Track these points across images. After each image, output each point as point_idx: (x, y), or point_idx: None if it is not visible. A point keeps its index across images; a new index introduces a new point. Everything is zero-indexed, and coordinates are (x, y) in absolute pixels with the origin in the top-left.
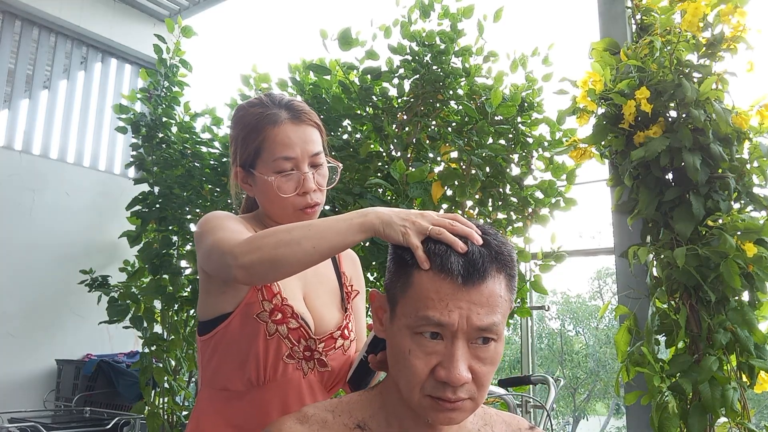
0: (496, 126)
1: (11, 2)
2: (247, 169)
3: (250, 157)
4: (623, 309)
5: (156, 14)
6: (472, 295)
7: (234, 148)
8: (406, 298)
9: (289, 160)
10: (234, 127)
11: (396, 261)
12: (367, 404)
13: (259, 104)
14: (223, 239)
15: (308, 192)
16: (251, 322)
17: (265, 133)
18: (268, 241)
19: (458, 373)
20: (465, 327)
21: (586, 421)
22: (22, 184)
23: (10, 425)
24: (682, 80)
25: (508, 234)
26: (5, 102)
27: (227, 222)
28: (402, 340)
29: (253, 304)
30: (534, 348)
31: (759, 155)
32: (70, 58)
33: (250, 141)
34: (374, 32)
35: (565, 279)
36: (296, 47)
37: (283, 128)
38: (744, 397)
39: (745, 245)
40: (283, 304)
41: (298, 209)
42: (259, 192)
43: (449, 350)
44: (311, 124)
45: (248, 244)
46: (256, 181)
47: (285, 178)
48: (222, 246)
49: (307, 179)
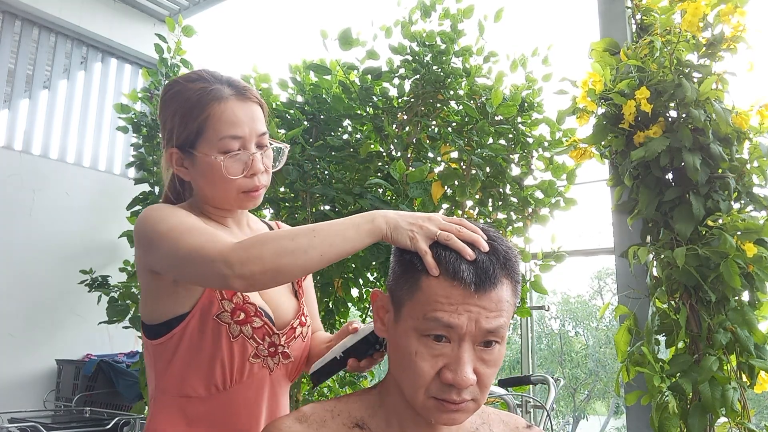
0: (496, 126)
1: (11, 2)
2: (186, 150)
3: (191, 136)
4: (623, 309)
5: (156, 14)
6: (482, 301)
7: (169, 126)
8: (413, 301)
9: (236, 139)
10: (168, 103)
11: (402, 264)
12: (366, 404)
13: (198, 79)
14: (204, 245)
15: (256, 173)
16: (211, 323)
17: (210, 109)
18: (270, 249)
19: (465, 376)
20: (473, 330)
21: (586, 421)
22: (22, 184)
23: (10, 425)
24: (682, 80)
25: (508, 234)
26: (5, 102)
27: (185, 219)
28: (408, 342)
29: (211, 304)
30: (534, 348)
31: (759, 155)
32: (70, 58)
33: (191, 119)
34: (375, 32)
35: (565, 279)
36: (297, 47)
37: (229, 105)
38: (744, 397)
39: (745, 245)
40: (245, 303)
41: (242, 192)
42: (198, 175)
43: (456, 353)
44: (256, 101)
45: (245, 251)
46: (197, 162)
47: (232, 158)
48: (208, 253)
49: (255, 160)
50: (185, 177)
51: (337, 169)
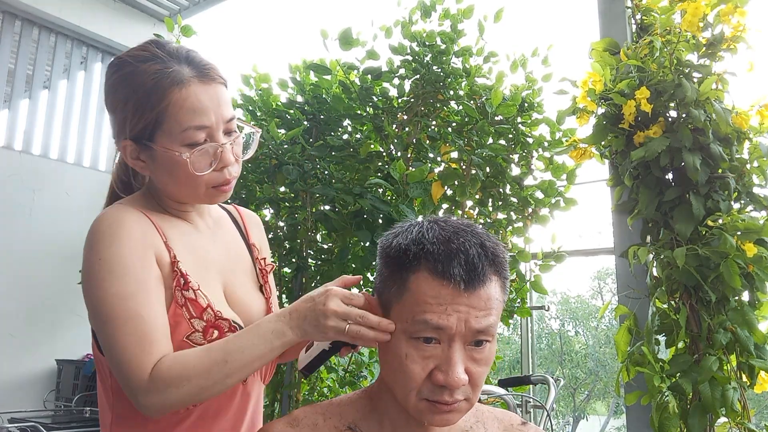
0: (496, 126)
1: (11, 2)
2: (143, 143)
3: (148, 127)
4: (623, 309)
5: (156, 14)
6: (471, 299)
7: (120, 116)
8: (401, 303)
9: (202, 129)
10: (117, 87)
11: (389, 265)
12: (359, 407)
13: (152, 58)
14: (130, 359)
15: (226, 166)
16: (182, 345)
17: (169, 97)
18: (186, 391)
19: (457, 377)
20: (463, 330)
21: (586, 421)
22: (22, 184)
23: (10, 425)
24: (682, 80)
25: (508, 234)
26: (5, 102)
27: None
28: (397, 345)
29: (179, 324)
30: (534, 348)
31: (759, 155)
32: (70, 58)
33: (147, 108)
34: (375, 32)
35: (565, 279)
36: (297, 47)
37: (191, 90)
38: (744, 397)
39: (745, 245)
40: (217, 319)
41: (212, 187)
42: (159, 170)
43: (447, 354)
44: (221, 81)
45: (162, 393)
46: (157, 157)
47: (199, 152)
48: (130, 369)
49: (225, 151)
50: (143, 171)
51: (337, 169)
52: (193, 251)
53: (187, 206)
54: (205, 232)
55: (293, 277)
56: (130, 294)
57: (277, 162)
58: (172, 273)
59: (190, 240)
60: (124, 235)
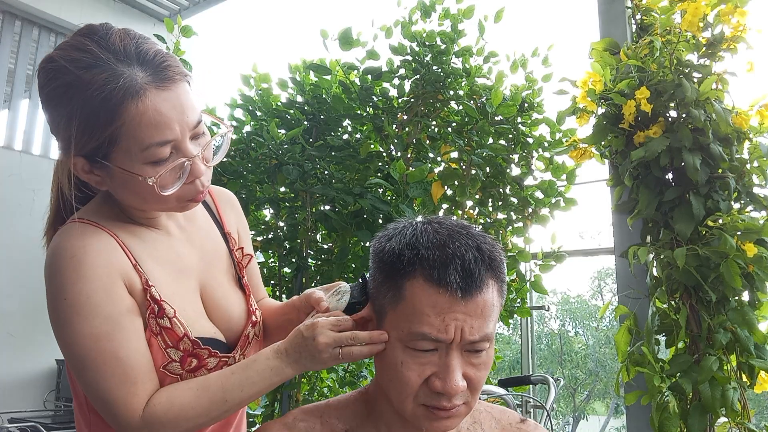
0: (496, 126)
1: (11, 2)
2: (96, 161)
3: (101, 147)
4: (623, 309)
5: (156, 14)
6: (469, 306)
7: (65, 134)
8: (397, 311)
9: (166, 144)
10: (57, 101)
11: (382, 270)
12: (355, 411)
13: (95, 64)
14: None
15: (198, 177)
16: (159, 375)
17: (123, 115)
18: (183, 427)
19: (455, 384)
20: (459, 339)
21: (586, 421)
22: (22, 184)
23: (10, 425)
24: (682, 80)
25: (508, 234)
26: (5, 102)
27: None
28: (392, 352)
29: (154, 353)
30: (534, 348)
31: (759, 155)
32: None
33: (96, 127)
34: (375, 32)
35: (565, 279)
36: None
37: (148, 101)
38: (744, 397)
39: (745, 245)
40: (195, 348)
41: (184, 201)
42: (120, 187)
43: (444, 361)
44: (180, 78)
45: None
46: (114, 175)
47: (164, 169)
48: (115, 412)
49: (195, 165)
50: (99, 186)
51: (337, 169)
52: (167, 263)
53: (155, 214)
54: (176, 235)
55: (293, 277)
56: (103, 335)
57: (277, 162)
58: (145, 301)
59: (161, 251)
60: (88, 268)
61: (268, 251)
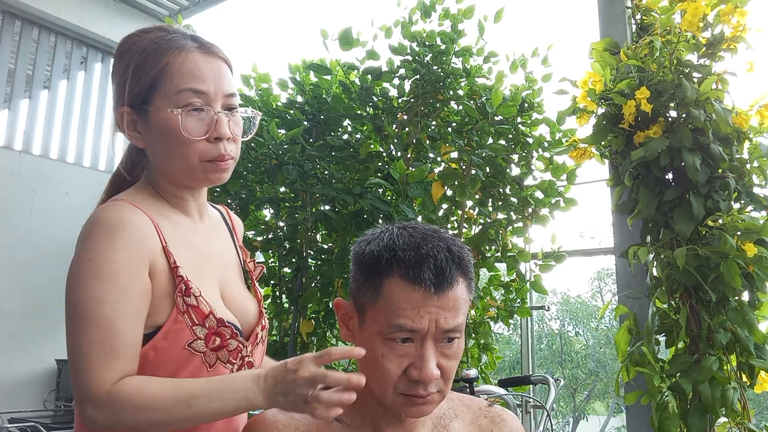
0: (496, 126)
1: (11, 2)
2: (139, 107)
3: (144, 90)
4: (623, 309)
5: (156, 14)
6: (441, 301)
7: (120, 81)
8: (376, 307)
9: (198, 94)
10: (121, 56)
11: (363, 271)
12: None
13: (156, 30)
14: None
15: (221, 138)
16: (183, 353)
17: (168, 58)
18: (140, 418)
19: (429, 372)
20: (434, 330)
21: (586, 421)
22: (22, 184)
23: (10, 425)
24: (682, 80)
25: (508, 234)
26: (5, 102)
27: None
28: (374, 346)
29: (181, 331)
30: (534, 348)
31: (759, 155)
32: (70, 58)
33: (144, 70)
34: (375, 32)
35: (565, 279)
36: (296, 47)
37: (191, 56)
38: (744, 397)
39: (745, 245)
40: (219, 327)
41: (206, 160)
42: (153, 138)
43: (420, 352)
44: (223, 59)
45: (115, 414)
46: (151, 122)
47: (192, 115)
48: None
49: (220, 121)
50: (138, 143)
51: (337, 169)
52: (193, 250)
53: (186, 195)
54: (203, 230)
55: (293, 277)
56: (109, 301)
57: (277, 162)
58: (173, 279)
59: (190, 238)
60: (120, 240)
61: (268, 251)
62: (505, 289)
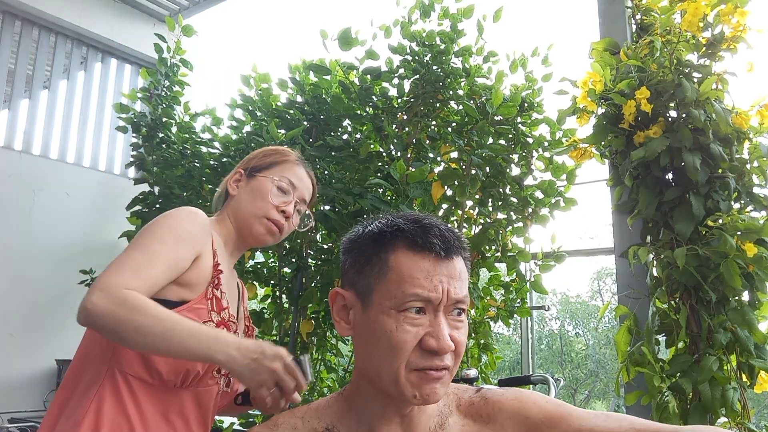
0: (496, 126)
1: (11, 2)
2: (251, 174)
3: (263, 167)
4: (623, 309)
5: (156, 14)
6: (449, 268)
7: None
8: (385, 283)
9: (289, 187)
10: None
11: (364, 252)
12: (336, 409)
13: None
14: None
15: (287, 213)
16: None
17: (285, 160)
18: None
19: (446, 341)
20: (446, 300)
21: None
22: (22, 184)
23: (10, 425)
24: (682, 80)
25: (508, 234)
26: (5, 102)
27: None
28: (385, 322)
29: (201, 310)
30: (534, 348)
31: (759, 155)
32: (70, 58)
33: (266, 157)
34: (374, 32)
35: (565, 279)
36: (296, 47)
37: (298, 167)
38: (744, 397)
39: (745, 245)
40: (229, 321)
41: (267, 218)
42: (246, 191)
43: (435, 321)
44: (313, 181)
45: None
46: (251, 182)
47: (279, 190)
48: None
49: (290, 204)
50: (232, 191)
51: (337, 169)
52: (228, 273)
53: (236, 252)
54: (233, 283)
55: (293, 277)
56: (162, 242)
57: None
58: (213, 271)
59: (226, 275)
60: (184, 228)
61: (268, 251)
62: (505, 289)
